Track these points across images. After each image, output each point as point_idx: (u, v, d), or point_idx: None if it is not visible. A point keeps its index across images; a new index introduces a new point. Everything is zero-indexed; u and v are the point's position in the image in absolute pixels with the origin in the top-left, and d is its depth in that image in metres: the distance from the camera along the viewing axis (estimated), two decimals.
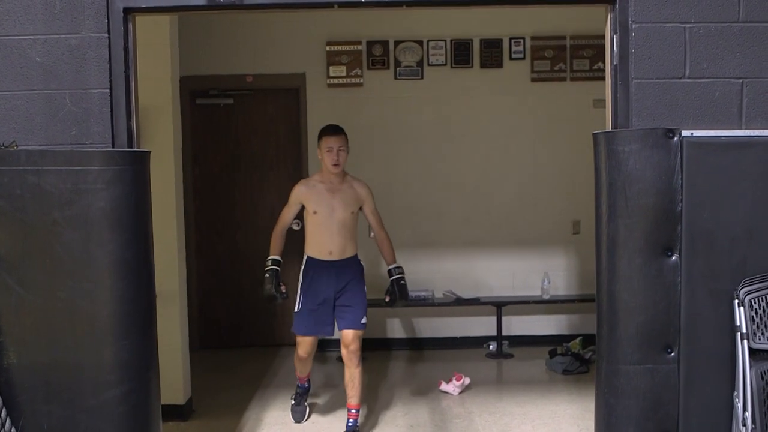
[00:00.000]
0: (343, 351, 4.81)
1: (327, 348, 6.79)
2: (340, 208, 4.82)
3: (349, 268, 4.87)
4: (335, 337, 5.12)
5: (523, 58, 6.94)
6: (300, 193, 4.89)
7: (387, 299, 4.96)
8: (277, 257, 4.88)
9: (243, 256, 7.04)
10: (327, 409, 5.36)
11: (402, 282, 4.93)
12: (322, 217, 4.81)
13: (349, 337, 4.78)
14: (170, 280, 5.06)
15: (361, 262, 4.96)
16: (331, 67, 6.88)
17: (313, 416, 5.20)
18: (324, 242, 4.82)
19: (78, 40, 3.31)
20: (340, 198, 4.83)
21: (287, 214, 4.95)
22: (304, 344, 4.91)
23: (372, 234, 5.04)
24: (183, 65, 5.49)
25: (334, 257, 4.82)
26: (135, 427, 3.30)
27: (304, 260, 4.88)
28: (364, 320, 4.82)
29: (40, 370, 3.25)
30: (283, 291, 4.81)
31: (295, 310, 4.87)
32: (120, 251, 3.23)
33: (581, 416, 5.09)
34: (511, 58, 6.93)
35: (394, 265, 4.97)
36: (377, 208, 5.03)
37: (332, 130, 4.81)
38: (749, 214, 3.24)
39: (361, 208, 4.95)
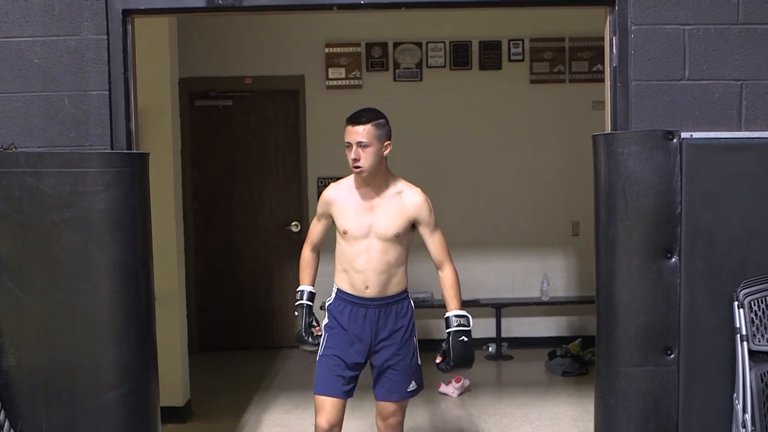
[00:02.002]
0: (379, 423, 3.67)
1: None
2: (381, 227, 3.51)
3: (394, 312, 3.59)
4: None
5: (522, 60, 6.93)
6: (328, 202, 3.62)
7: (439, 360, 3.58)
8: (310, 287, 3.73)
9: (242, 258, 7.04)
10: None
11: (462, 339, 3.52)
12: (354, 239, 3.53)
13: (389, 409, 3.61)
14: (169, 282, 5.06)
15: (412, 303, 3.71)
16: (330, 69, 6.87)
17: None
18: (358, 274, 3.54)
19: (77, 41, 3.31)
20: (382, 213, 3.53)
21: (315, 230, 3.74)
22: (325, 409, 3.53)
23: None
24: (182, 67, 5.49)
25: (372, 293, 3.53)
26: (134, 428, 3.30)
27: (333, 293, 3.67)
28: (412, 386, 3.60)
29: (40, 372, 3.24)
30: (318, 334, 3.64)
31: (318, 355, 3.63)
32: (119, 253, 3.22)
33: (581, 418, 5.09)
34: (510, 60, 6.93)
35: (455, 313, 3.58)
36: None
37: (351, 119, 3.49)
38: (749, 216, 3.24)
39: (414, 227, 3.61)
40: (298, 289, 3.75)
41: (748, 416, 3.13)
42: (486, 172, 6.99)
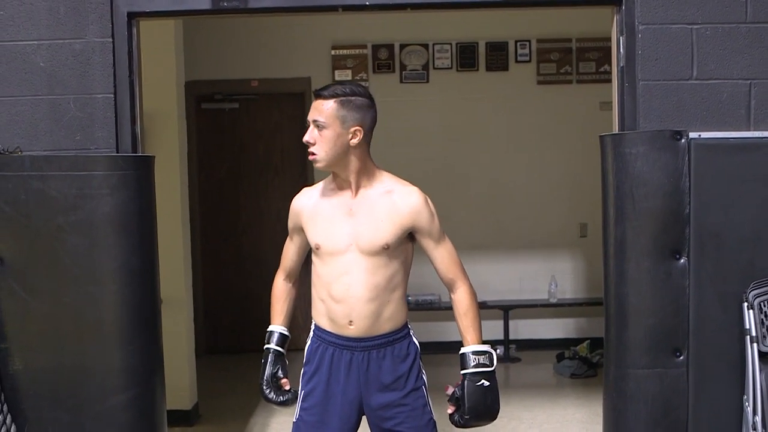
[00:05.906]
0: None
1: None
2: (365, 237, 2.69)
3: (390, 356, 2.77)
4: None
5: (529, 61, 6.92)
6: (296, 213, 2.86)
7: (451, 411, 2.83)
8: (281, 328, 2.96)
9: (249, 261, 7.03)
10: None
11: (481, 384, 2.76)
12: (330, 257, 2.73)
13: None
14: (176, 285, 5.06)
15: (416, 340, 2.90)
16: (336, 72, 6.87)
17: None
18: (338, 304, 2.73)
19: (82, 45, 3.30)
20: (365, 218, 2.71)
21: (288, 252, 2.99)
22: None
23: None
24: (188, 70, 5.48)
25: (357, 331, 2.72)
26: None
27: (311, 332, 2.88)
28: None
29: (46, 377, 3.23)
30: (287, 389, 2.92)
31: (294, 419, 2.89)
32: (125, 257, 3.22)
33: (590, 420, 5.07)
34: (516, 61, 6.93)
35: (473, 348, 2.81)
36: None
37: (317, 90, 2.82)
38: (757, 216, 3.21)
39: (411, 236, 2.80)
40: (268, 329, 2.98)
41: (758, 418, 3.10)
42: (493, 174, 6.97)
